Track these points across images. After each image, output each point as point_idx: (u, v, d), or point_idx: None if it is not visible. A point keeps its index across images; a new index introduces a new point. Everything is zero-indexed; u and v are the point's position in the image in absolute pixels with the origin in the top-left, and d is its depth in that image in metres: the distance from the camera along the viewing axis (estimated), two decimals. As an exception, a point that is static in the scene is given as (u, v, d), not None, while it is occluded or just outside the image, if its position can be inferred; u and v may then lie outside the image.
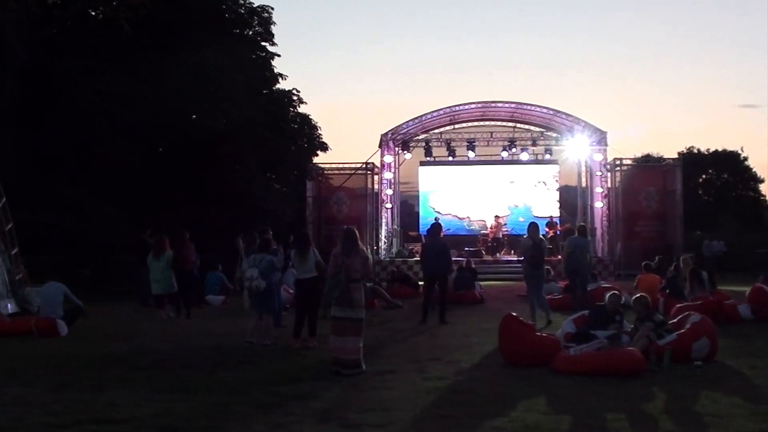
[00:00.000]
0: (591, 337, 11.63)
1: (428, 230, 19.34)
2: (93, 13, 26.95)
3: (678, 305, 15.84)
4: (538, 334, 12.13)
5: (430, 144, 36.05)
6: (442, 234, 19.13)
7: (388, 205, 33.95)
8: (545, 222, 33.37)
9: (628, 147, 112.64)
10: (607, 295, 13.13)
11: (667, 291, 18.60)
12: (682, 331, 11.82)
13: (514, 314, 12.02)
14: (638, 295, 13.29)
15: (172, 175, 25.54)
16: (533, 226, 17.75)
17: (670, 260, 23.96)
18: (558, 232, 32.92)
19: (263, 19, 29.71)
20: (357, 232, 11.48)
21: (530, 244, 17.13)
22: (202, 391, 9.41)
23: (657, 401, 8.79)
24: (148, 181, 25.29)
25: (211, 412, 8.32)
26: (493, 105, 34.61)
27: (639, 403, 8.63)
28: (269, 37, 30.17)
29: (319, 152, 32.98)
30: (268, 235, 15.03)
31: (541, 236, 17.97)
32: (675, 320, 12.95)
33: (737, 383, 9.88)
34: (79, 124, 24.31)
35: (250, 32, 30.03)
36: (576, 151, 36.19)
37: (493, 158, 37.14)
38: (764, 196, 74.22)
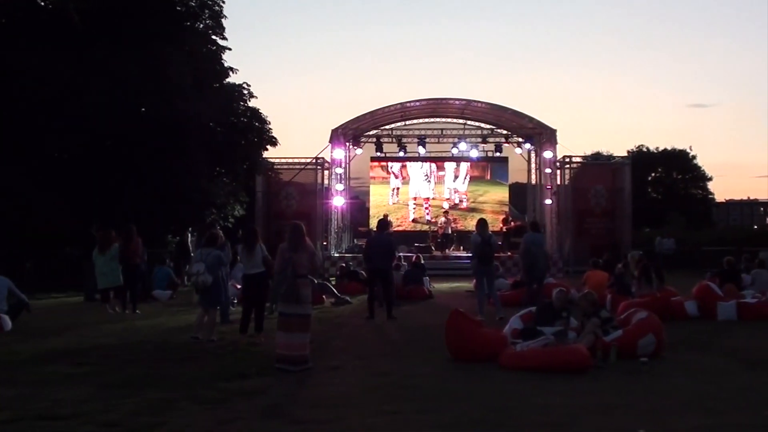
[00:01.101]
0: (538, 334, 11.69)
1: (376, 225, 19.30)
2: (42, 3, 26.59)
3: (625, 302, 15.99)
4: (485, 329, 12.17)
5: (381, 140, 36.13)
6: (390, 230, 19.15)
7: (339, 201, 33.89)
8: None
9: (578, 145, 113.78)
10: (554, 292, 13.23)
11: (615, 288, 18.76)
12: (629, 327, 11.95)
13: (461, 310, 12.07)
14: (584, 291, 13.42)
15: (120, 168, 25.27)
16: (482, 223, 17.81)
17: (619, 257, 24.17)
18: (508, 229, 33.12)
19: (214, 12, 29.44)
20: (303, 226, 11.41)
21: (479, 241, 17.20)
22: (147, 386, 9.34)
23: (603, 397, 8.86)
24: (95, 174, 24.99)
25: (155, 408, 8.25)
26: (443, 102, 34.72)
27: (585, 399, 8.69)
28: (220, 30, 29.90)
29: (268, 147, 32.75)
30: (215, 229, 14.95)
31: (490, 232, 18.04)
32: (622, 317, 13.09)
33: (682, 379, 9.99)
34: (23, 114, 23.96)
35: (201, 25, 29.75)
36: (526, 149, 36.47)
37: (444, 154, 37.27)
38: (713, 194, 75.50)
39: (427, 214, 37.16)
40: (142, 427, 7.51)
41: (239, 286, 17.05)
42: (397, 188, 37.54)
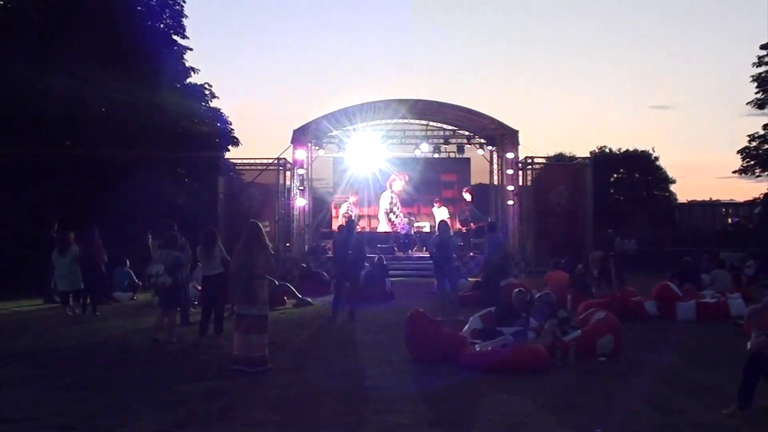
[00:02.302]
0: (497, 334, 11.75)
1: (340, 226, 19.28)
2: (2, 3, 26.30)
3: (585, 302, 16.10)
4: (445, 330, 12.20)
5: (344, 140, 36.04)
6: (355, 230, 19.15)
7: (301, 201, 33.79)
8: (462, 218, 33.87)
9: (540, 146, 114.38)
10: (513, 292, 13.28)
11: (575, 288, 18.87)
12: (588, 327, 12.05)
13: (421, 310, 12.09)
14: (543, 292, 13.50)
15: (79, 169, 25.04)
16: (443, 224, 17.88)
17: (580, 258, 24.32)
18: (470, 230, 33.20)
19: (174, 11, 29.22)
20: (261, 227, 11.36)
21: (438, 242, 17.25)
22: (105, 388, 9.30)
23: (561, 397, 8.93)
24: (53, 175, 24.76)
25: (112, 410, 8.22)
26: (406, 102, 34.66)
27: (543, 399, 8.77)
28: (181, 30, 29.74)
29: (230, 147, 32.55)
30: (174, 231, 14.87)
31: (450, 233, 18.08)
32: (581, 317, 13.19)
33: (640, 379, 10.10)
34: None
35: (161, 25, 29.57)
36: (488, 150, 36.58)
37: (406, 155, 37.27)
38: (674, 195, 76.13)
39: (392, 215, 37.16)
40: (97, 430, 7.48)
41: (200, 288, 16.97)
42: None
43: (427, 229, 34.93)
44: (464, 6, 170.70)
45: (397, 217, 35.87)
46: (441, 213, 34.39)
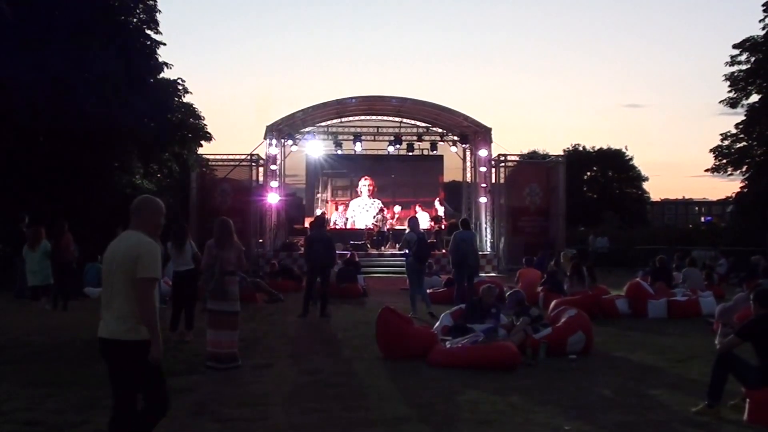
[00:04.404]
0: (468, 331, 11.79)
1: (312, 222, 19.27)
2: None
3: (557, 299, 16.16)
4: (416, 326, 12.20)
5: (317, 137, 36.00)
6: (327, 227, 19.14)
7: (274, 198, 33.69)
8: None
9: (514, 144, 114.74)
10: (482, 289, 13.31)
11: (547, 285, 18.96)
12: (558, 325, 12.10)
13: (392, 307, 12.09)
14: (513, 290, 13.54)
15: (51, 164, 24.87)
16: (413, 221, 17.89)
17: (552, 255, 24.43)
18: (443, 227, 33.28)
19: (148, 6, 29.08)
20: (231, 223, 11.34)
21: (414, 239, 17.25)
22: (74, 384, 9.25)
23: (531, 394, 8.97)
24: (25, 170, 24.58)
25: (81, 406, 8.19)
26: (380, 99, 34.64)
27: (513, 396, 8.80)
28: (154, 25, 29.58)
29: (203, 142, 32.48)
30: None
31: (422, 230, 18.10)
32: (552, 314, 13.25)
33: (611, 376, 10.16)
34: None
35: (135, 20, 29.40)
36: (461, 147, 36.66)
37: (380, 152, 37.29)
38: (647, 193, 76.71)
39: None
40: (65, 426, 7.44)
41: (170, 284, 16.89)
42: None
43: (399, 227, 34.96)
44: (439, 3, 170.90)
45: (368, 212, 35.86)
46: (422, 217, 34.43)
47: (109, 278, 6.03)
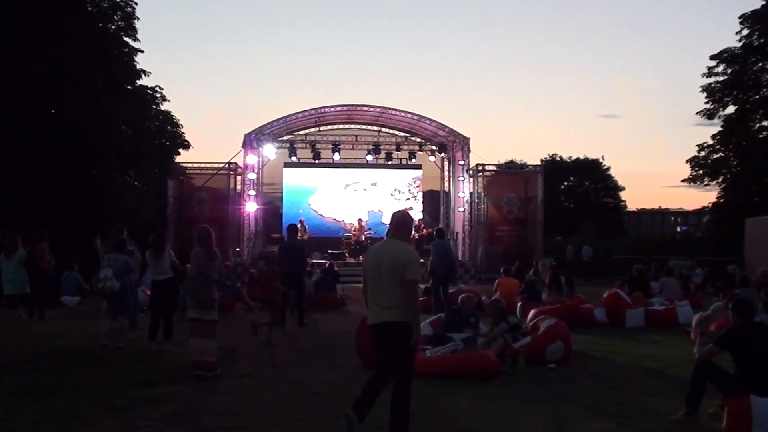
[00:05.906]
0: (447, 340, 11.78)
1: (287, 231, 19.24)
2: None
3: (535, 309, 16.19)
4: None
5: (295, 145, 35.97)
6: (300, 236, 19.11)
7: (251, 206, 33.60)
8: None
9: (491, 153, 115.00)
10: (461, 298, 13.31)
11: (526, 295, 18.99)
12: (537, 334, 12.12)
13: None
14: (492, 299, 13.55)
15: (28, 171, 24.69)
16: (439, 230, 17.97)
17: (530, 265, 24.51)
18: (422, 236, 33.30)
19: (126, 13, 29.00)
20: (212, 231, 11.29)
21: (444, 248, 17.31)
22: (52, 394, 9.17)
23: (510, 403, 8.97)
24: (1, 177, 24.40)
25: (59, 415, 8.11)
26: (358, 108, 34.75)
27: (492, 405, 8.80)
28: (132, 32, 29.52)
29: (181, 150, 32.37)
30: (123, 234, 14.72)
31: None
32: (531, 323, 13.27)
33: (589, 385, 10.18)
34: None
35: (113, 27, 29.31)
36: (439, 157, 36.75)
37: (358, 161, 37.28)
38: (624, 203, 77.09)
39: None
40: (44, 436, 7.39)
41: (149, 292, 16.80)
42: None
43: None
44: (416, 15, 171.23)
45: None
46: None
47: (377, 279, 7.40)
